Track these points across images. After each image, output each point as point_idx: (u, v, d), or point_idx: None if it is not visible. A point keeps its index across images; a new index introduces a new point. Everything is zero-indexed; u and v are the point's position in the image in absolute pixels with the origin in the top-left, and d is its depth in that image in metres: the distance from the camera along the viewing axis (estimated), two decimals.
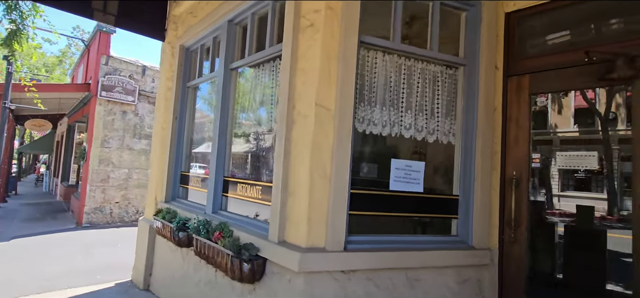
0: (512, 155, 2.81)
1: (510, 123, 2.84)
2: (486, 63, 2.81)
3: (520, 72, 2.81)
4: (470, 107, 2.81)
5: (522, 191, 2.73)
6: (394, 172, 2.62)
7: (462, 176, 2.79)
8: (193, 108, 4.43)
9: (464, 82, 2.85)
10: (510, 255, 2.75)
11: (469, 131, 2.80)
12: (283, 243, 2.35)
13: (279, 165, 2.44)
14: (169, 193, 4.32)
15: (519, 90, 2.82)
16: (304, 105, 2.36)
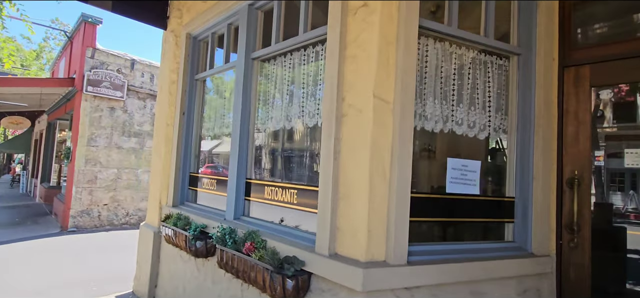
0: (570, 152, 2.58)
1: (567, 117, 2.61)
2: (544, 53, 2.57)
3: (579, 63, 2.59)
4: (526, 101, 2.56)
5: (584, 192, 2.51)
6: (450, 173, 2.35)
7: (518, 176, 2.55)
8: (202, 103, 4.05)
9: (518, 73, 2.61)
10: (570, 262, 2.53)
11: (525, 126, 2.55)
12: (335, 257, 2.05)
13: (328, 166, 2.12)
14: (176, 197, 3.93)
15: (577, 81, 2.60)
16: (356, 97, 2.05)
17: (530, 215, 2.50)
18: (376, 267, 1.89)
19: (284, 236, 2.46)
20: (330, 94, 2.16)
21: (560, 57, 2.65)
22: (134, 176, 9.83)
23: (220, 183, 3.48)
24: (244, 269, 2.41)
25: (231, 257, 2.55)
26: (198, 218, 3.28)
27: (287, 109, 2.88)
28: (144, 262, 4.19)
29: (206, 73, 3.90)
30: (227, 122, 3.63)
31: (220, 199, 3.36)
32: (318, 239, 2.14)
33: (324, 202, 2.13)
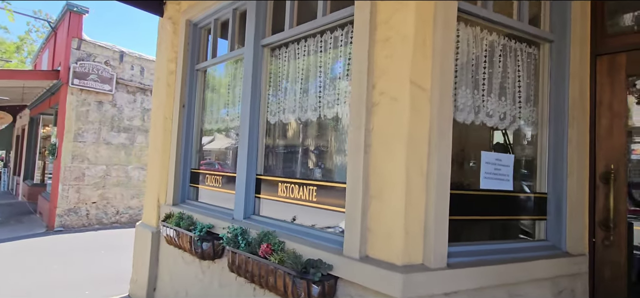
0: (604, 146, 2.45)
1: (601, 109, 2.48)
2: (579, 40, 2.42)
3: (613, 51, 2.45)
4: (559, 91, 2.41)
5: (619, 187, 2.38)
6: (484, 168, 2.18)
7: (551, 171, 2.41)
8: (203, 94, 3.80)
9: (549, 62, 2.46)
10: (605, 261, 2.40)
11: (558, 119, 2.41)
12: (367, 260, 1.86)
13: (357, 161, 1.93)
14: (177, 195, 3.68)
15: (612, 71, 2.46)
16: (390, 84, 1.86)
17: (564, 212, 2.35)
18: (416, 272, 1.71)
19: (304, 237, 2.26)
20: (359, 82, 1.96)
21: (592, 45, 2.51)
22: (124, 173, 9.46)
23: (226, 180, 3.25)
24: (260, 273, 2.20)
25: (244, 260, 2.33)
26: (203, 218, 3.04)
27: (301, 99, 2.66)
28: (141, 263, 3.93)
29: (208, 62, 3.65)
30: (233, 115, 3.40)
31: (227, 197, 3.13)
32: (347, 241, 1.95)
33: (353, 201, 1.93)
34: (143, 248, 3.91)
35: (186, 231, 2.95)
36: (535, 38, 2.42)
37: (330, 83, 2.48)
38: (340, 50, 2.41)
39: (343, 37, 2.40)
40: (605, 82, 2.48)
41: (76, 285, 4.68)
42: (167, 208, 3.61)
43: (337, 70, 2.47)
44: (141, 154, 9.78)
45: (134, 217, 9.51)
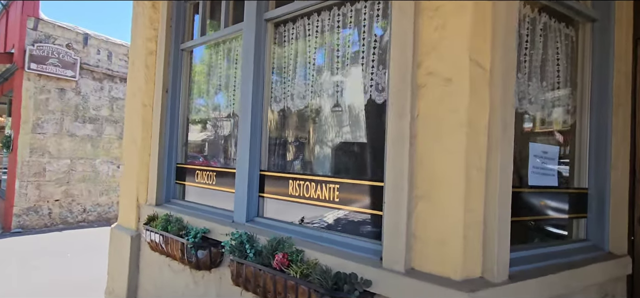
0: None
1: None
2: (625, 21, 2.21)
3: None
4: (602, 76, 2.20)
5: None
6: (532, 161, 1.93)
7: (593, 163, 2.20)
8: (189, 78, 3.33)
9: (591, 43, 2.23)
10: None
11: (601, 106, 2.19)
12: (413, 274, 1.55)
13: (399, 154, 1.60)
14: (160, 194, 3.22)
15: None
16: (442, 62, 1.54)
17: (607, 209, 2.15)
18: (481, 289, 1.41)
19: (327, 245, 1.92)
20: (401, 60, 1.63)
21: (635, 27, 2.31)
22: (91, 167, 8.67)
23: (222, 176, 2.83)
24: (276, 289, 1.84)
25: (254, 272, 1.96)
26: (195, 221, 2.62)
27: (314, 83, 2.30)
28: (118, 272, 3.44)
29: (196, 41, 3.18)
30: (226, 102, 2.97)
31: (224, 196, 2.73)
32: (387, 250, 1.62)
33: (396, 201, 1.61)
34: (120, 254, 3.42)
35: (176, 237, 2.52)
36: (578, 15, 2.18)
37: (351, 63, 2.13)
38: (363, 25, 2.06)
39: (367, 10, 2.05)
40: None
41: (41, 293, 4.10)
42: (150, 209, 3.15)
43: (356, 48, 2.13)
44: (110, 147, 9.00)
45: (103, 215, 8.77)
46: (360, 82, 2.06)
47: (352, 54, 2.13)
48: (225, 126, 3.14)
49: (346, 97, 2.12)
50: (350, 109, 2.18)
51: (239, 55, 2.87)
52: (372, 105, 2.00)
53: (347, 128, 2.21)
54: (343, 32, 2.18)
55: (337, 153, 2.29)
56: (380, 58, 1.96)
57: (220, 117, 3.07)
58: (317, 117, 2.40)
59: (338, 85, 2.17)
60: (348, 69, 2.14)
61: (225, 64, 2.99)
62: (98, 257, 5.55)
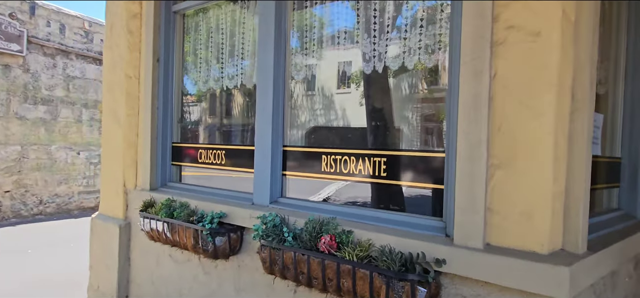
0: None
1: None
2: None
3: None
4: (637, 47, 2.17)
5: None
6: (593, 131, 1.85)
7: (627, 133, 2.19)
8: (182, 46, 2.94)
9: (627, 12, 2.19)
10: None
11: (637, 75, 2.18)
12: (492, 249, 1.41)
13: (475, 119, 1.44)
14: (154, 177, 2.85)
15: None
16: (526, 13, 1.38)
17: (639, 178, 2.16)
18: (575, 261, 1.30)
19: (380, 224, 1.73)
20: (476, 11, 1.45)
21: None
22: (46, 154, 7.78)
23: (233, 155, 2.53)
24: (325, 276, 1.63)
25: (295, 258, 1.73)
26: (206, 205, 2.32)
27: (345, 48, 2.07)
28: (104, 266, 3.04)
29: (192, 2, 2.79)
30: (232, 72, 2.65)
31: (236, 177, 2.44)
32: (460, 225, 1.47)
33: (470, 173, 1.45)
34: (106, 246, 3.02)
35: (187, 223, 2.21)
36: None
37: (392, 22, 1.92)
38: None
39: None
40: None
41: (10, 294, 3.56)
42: (143, 194, 2.77)
43: (398, 5, 1.92)
44: (67, 131, 8.12)
45: (63, 207, 7.96)
46: (399, 48, 1.86)
47: (388, 8, 1.92)
48: (231, 99, 2.82)
49: (388, 61, 1.91)
50: (393, 72, 1.98)
51: (245, 18, 2.55)
52: (412, 72, 1.82)
53: (390, 93, 2.01)
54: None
55: (378, 125, 2.10)
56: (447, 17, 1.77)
57: (225, 90, 2.74)
58: (348, 90, 2.18)
59: (376, 46, 1.96)
60: (385, 27, 1.92)
61: (230, 29, 2.65)
62: (65, 252, 4.99)
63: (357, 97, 2.30)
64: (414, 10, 1.88)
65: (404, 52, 1.85)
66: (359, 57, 2.02)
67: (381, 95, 2.17)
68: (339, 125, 2.41)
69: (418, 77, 2.07)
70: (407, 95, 2.15)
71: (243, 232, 2.20)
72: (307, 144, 2.24)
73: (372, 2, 1.95)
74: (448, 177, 1.57)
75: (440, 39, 1.77)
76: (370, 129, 2.19)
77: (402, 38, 1.88)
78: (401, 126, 2.05)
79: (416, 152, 1.79)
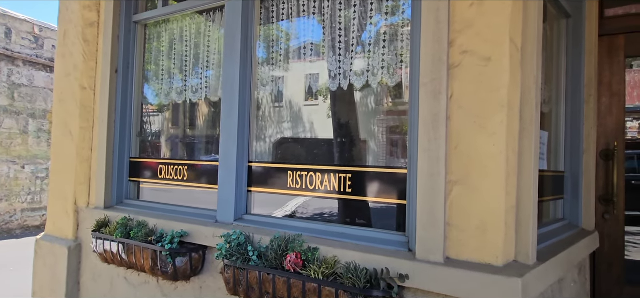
0: (604, 124, 2.54)
1: (601, 88, 2.56)
2: (593, 18, 2.43)
3: (613, 32, 2.54)
4: (575, 67, 2.40)
5: (619, 164, 2.50)
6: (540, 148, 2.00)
7: (568, 148, 2.39)
8: (143, 57, 2.83)
9: (566, 37, 2.42)
10: (605, 234, 2.51)
11: (575, 95, 2.39)
12: (452, 263, 1.47)
13: (436, 138, 1.50)
14: (109, 194, 2.68)
15: (611, 52, 2.55)
16: (479, 41, 1.48)
17: (580, 189, 2.36)
18: (526, 272, 1.38)
19: (345, 240, 1.74)
20: (434, 36, 1.53)
21: (598, 25, 2.57)
22: None
23: (196, 170, 2.45)
24: (292, 295, 1.61)
25: (260, 278, 1.70)
26: (166, 224, 2.22)
27: (312, 61, 2.10)
28: (49, 292, 2.80)
29: (155, 13, 2.71)
30: (196, 85, 2.59)
31: (199, 193, 2.37)
32: (422, 241, 1.52)
33: (430, 189, 1.51)
34: (53, 270, 2.78)
35: (145, 244, 2.10)
36: (558, 10, 2.34)
37: (356, 41, 1.98)
38: (371, 1, 1.93)
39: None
40: (605, 63, 2.56)
41: None
42: (97, 213, 2.60)
43: (362, 25, 1.99)
44: (10, 143, 7.48)
45: (3, 226, 7.26)
46: (367, 63, 1.92)
47: (355, 27, 1.98)
48: (194, 112, 2.75)
49: (353, 79, 1.96)
50: (354, 92, 2.03)
51: (211, 30, 2.52)
52: (378, 88, 1.88)
53: (355, 111, 2.06)
54: (347, 10, 2.01)
55: (345, 140, 2.13)
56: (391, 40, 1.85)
57: (188, 102, 2.67)
58: (315, 102, 2.20)
59: (340, 65, 2.00)
60: (354, 46, 1.98)
61: (194, 40, 2.60)
62: (3, 277, 4.52)
63: (325, 109, 2.33)
64: (378, 26, 1.95)
65: (368, 70, 1.91)
66: (326, 71, 2.06)
67: (347, 112, 2.22)
68: (307, 136, 2.42)
69: (382, 94, 2.14)
70: (372, 111, 2.22)
71: (206, 252, 2.12)
72: (274, 160, 2.23)
73: (337, 20, 2.00)
74: (410, 193, 1.62)
75: (402, 59, 1.85)
76: (336, 144, 2.22)
77: (366, 56, 1.94)
78: (366, 142, 2.10)
79: (380, 169, 1.83)
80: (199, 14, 2.57)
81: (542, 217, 2.25)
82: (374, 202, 1.82)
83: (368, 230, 1.76)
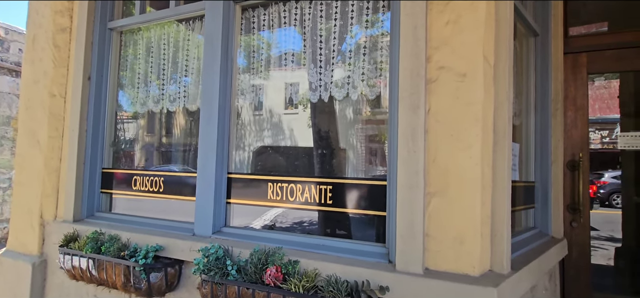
0: (570, 136, 2.68)
1: (567, 102, 2.70)
2: (559, 36, 2.57)
3: (577, 50, 2.70)
4: (544, 82, 2.52)
5: (584, 174, 2.63)
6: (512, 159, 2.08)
7: (538, 159, 2.50)
8: (118, 65, 2.75)
9: (535, 54, 2.54)
10: (573, 242, 2.62)
11: (544, 109, 2.51)
12: (431, 274, 1.49)
13: (412, 150, 1.54)
14: (79, 207, 2.57)
15: (575, 68, 2.70)
16: (454, 57, 1.53)
17: (549, 199, 2.47)
18: (502, 281, 1.43)
19: (326, 252, 1.74)
20: (413, 51, 1.57)
21: (563, 43, 2.72)
22: None
23: (172, 182, 2.39)
24: None
25: (239, 292, 1.66)
26: (140, 238, 2.14)
27: (292, 73, 2.11)
28: None
29: (131, 20, 2.64)
30: (174, 94, 2.54)
31: (176, 205, 2.30)
32: (401, 252, 1.54)
33: (409, 201, 1.53)
34: (14, 288, 2.62)
35: (117, 259, 2.01)
36: (528, 29, 2.46)
37: (337, 53, 2.00)
38: (351, 14, 1.96)
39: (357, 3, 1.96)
40: (570, 78, 2.71)
41: None
42: (65, 226, 2.47)
43: (343, 37, 2.02)
44: None
45: None
46: (347, 76, 1.95)
47: (335, 40, 2.01)
48: (171, 122, 2.68)
49: (334, 91, 1.98)
50: (333, 105, 2.05)
51: (189, 38, 2.48)
52: (356, 100, 1.91)
53: (332, 124, 2.08)
54: (326, 22, 2.04)
55: (324, 152, 2.13)
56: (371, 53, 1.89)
57: (165, 112, 2.60)
58: (295, 111, 2.21)
59: (321, 74, 2.02)
60: (335, 60, 2.00)
61: (172, 48, 2.55)
62: None
63: (305, 118, 2.34)
64: (357, 37, 1.98)
65: (348, 82, 1.93)
66: (306, 80, 2.07)
67: (327, 122, 2.23)
68: (287, 145, 2.42)
69: (362, 105, 2.17)
70: (352, 122, 2.24)
71: (182, 266, 2.06)
72: (254, 170, 2.21)
73: (318, 33, 2.02)
74: (390, 205, 1.64)
75: (382, 71, 1.88)
76: (316, 155, 2.22)
77: (346, 68, 1.96)
78: (346, 154, 2.11)
79: (360, 180, 1.85)
80: (178, 22, 2.53)
81: (515, 226, 2.34)
82: (354, 214, 1.83)
83: (348, 241, 1.76)
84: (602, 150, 9.54)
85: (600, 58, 2.66)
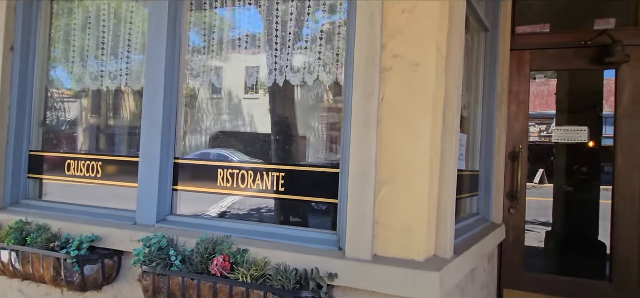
0: (512, 129, 2.86)
1: (511, 97, 2.87)
2: (507, 34, 2.70)
3: (522, 48, 2.86)
4: (491, 76, 2.65)
5: (523, 164, 2.83)
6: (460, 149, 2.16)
7: (484, 149, 2.63)
8: (48, 34, 2.46)
9: (485, 49, 2.65)
10: (510, 226, 2.83)
11: (490, 102, 2.64)
12: (380, 260, 1.51)
13: (364, 139, 1.53)
14: (1, 194, 2.29)
15: (520, 65, 2.87)
16: (409, 46, 1.54)
17: (492, 187, 2.63)
18: (444, 266, 1.48)
19: (276, 240, 1.70)
20: (368, 39, 1.55)
21: (503, 40, 2.86)
22: None
23: (112, 166, 2.20)
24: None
25: (183, 284, 1.57)
26: (74, 227, 1.95)
27: (253, 53, 2.01)
28: None
29: None
30: (115, 70, 2.32)
31: (116, 192, 2.13)
32: (351, 239, 1.54)
33: (361, 189, 1.53)
34: None
35: (46, 251, 1.82)
36: (479, 24, 2.55)
37: (294, 37, 1.94)
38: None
39: None
40: (515, 74, 2.87)
41: None
42: None
43: (300, 21, 1.95)
44: None
45: None
46: (300, 63, 1.90)
47: (292, 23, 1.94)
48: (112, 101, 2.46)
49: (289, 75, 1.91)
50: (295, 89, 1.99)
51: (134, 10, 2.28)
52: (319, 87, 1.87)
53: (286, 111, 2.02)
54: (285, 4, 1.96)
55: (279, 138, 2.07)
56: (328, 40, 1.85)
57: (106, 92, 2.38)
58: (256, 96, 2.12)
59: (277, 61, 1.94)
60: (286, 44, 1.93)
61: (114, 20, 2.32)
62: None
63: (266, 104, 2.26)
64: (317, 23, 1.93)
65: (304, 67, 1.88)
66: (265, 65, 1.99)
67: (285, 110, 2.17)
68: (246, 130, 2.32)
69: (320, 92, 2.13)
70: (311, 110, 2.20)
71: (122, 257, 1.92)
72: (201, 158, 2.09)
73: (274, 14, 1.94)
74: (342, 192, 1.63)
75: (338, 58, 1.85)
76: (273, 142, 2.16)
77: (303, 53, 1.91)
78: (303, 141, 2.07)
79: (313, 168, 1.83)
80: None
81: (460, 212, 2.46)
82: (307, 201, 1.80)
83: (300, 229, 1.74)
84: (540, 143, 10.46)
85: (543, 56, 2.85)
